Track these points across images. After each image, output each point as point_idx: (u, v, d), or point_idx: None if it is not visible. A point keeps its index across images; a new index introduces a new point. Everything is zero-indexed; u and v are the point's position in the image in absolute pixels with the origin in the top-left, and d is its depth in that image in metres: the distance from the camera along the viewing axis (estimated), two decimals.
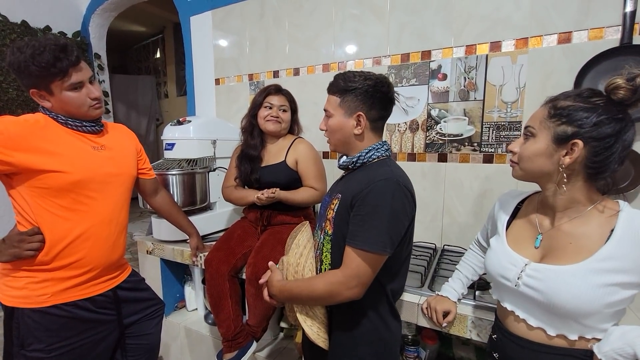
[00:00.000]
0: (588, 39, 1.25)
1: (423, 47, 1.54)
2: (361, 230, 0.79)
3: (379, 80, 0.88)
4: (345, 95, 0.88)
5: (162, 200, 1.37)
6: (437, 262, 1.33)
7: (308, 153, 1.44)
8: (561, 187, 0.68)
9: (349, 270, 0.79)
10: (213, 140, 1.76)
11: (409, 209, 0.84)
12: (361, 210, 0.80)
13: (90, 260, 1.03)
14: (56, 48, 0.89)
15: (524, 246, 0.75)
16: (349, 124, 0.89)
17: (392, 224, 0.79)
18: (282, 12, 1.89)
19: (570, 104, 0.65)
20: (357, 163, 0.90)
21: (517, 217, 0.81)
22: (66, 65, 0.91)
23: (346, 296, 0.80)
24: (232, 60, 2.12)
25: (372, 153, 0.89)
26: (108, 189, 1.05)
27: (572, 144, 0.65)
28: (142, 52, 5.32)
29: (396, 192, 0.80)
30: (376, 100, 0.88)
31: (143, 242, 1.78)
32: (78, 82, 0.95)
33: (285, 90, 1.52)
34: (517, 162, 0.73)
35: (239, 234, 1.45)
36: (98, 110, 1.02)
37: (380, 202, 0.79)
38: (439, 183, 1.56)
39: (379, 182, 0.81)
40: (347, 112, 0.88)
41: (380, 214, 0.78)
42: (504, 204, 0.85)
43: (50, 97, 0.94)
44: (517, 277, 0.71)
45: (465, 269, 1.02)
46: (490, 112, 1.43)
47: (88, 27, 2.88)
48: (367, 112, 0.88)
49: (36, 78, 0.91)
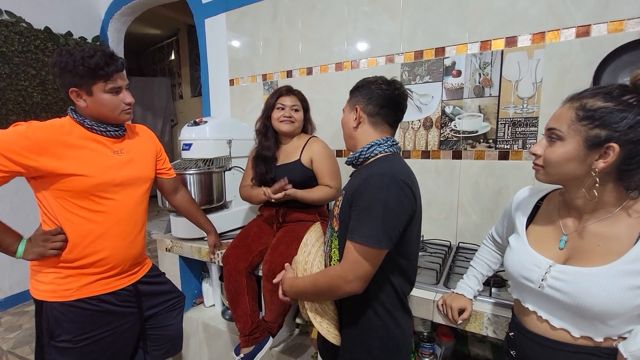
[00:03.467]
0: (608, 31, 1.22)
1: (437, 44, 1.53)
2: (358, 225, 0.81)
3: (382, 78, 0.93)
4: (353, 93, 0.96)
5: (181, 198, 1.41)
6: (453, 259, 1.33)
7: (323, 151, 1.46)
8: (592, 191, 0.65)
9: (347, 264, 0.81)
10: (228, 140, 1.80)
11: (407, 204, 0.82)
12: (358, 205, 0.82)
13: (111, 258, 1.08)
14: (106, 54, 0.99)
15: (547, 247, 0.74)
16: (352, 118, 0.94)
17: (387, 218, 0.79)
18: (294, 12, 1.91)
19: (602, 105, 0.62)
20: (359, 159, 0.92)
21: (537, 216, 0.80)
22: (113, 69, 1.00)
23: (346, 290, 0.82)
24: (246, 61, 2.15)
25: (373, 148, 0.90)
26: (127, 190, 1.09)
27: (607, 148, 0.62)
28: (157, 55, 5.44)
29: (392, 187, 0.80)
30: (374, 95, 0.91)
31: (162, 240, 1.83)
32: (118, 87, 1.03)
33: (297, 90, 1.54)
34: (542, 165, 0.71)
35: (256, 231, 1.48)
36: (128, 115, 1.08)
37: (375, 196, 0.79)
38: (454, 180, 1.56)
39: (375, 177, 0.82)
40: (350, 107, 0.95)
41: (375, 209, 0.79)
42: (522, 202, 0.85)
43: (87, 97, 1.00)
44: (541, 278, 0.70)
45: (480, 266, 1.02)
46: (506, 108, 1.42)
47: (107, 32, 2.97)
48: (365, 106, 0.92)
49: (81, 78, 0.97)
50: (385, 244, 0.79)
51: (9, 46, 2.34)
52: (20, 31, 2.39)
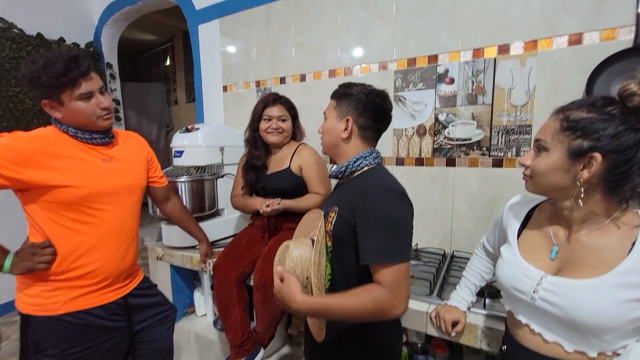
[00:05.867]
0: (600, 40, 1.22)
1: (430, 51, 1.53)
2: (379, 245, 0.77)
3: (375, 91, 0.90)
4: (341, 99, 0.90)
5: (173, 206, 1.39)
6: (447, 269, 1.31)
7: (311, 158, 1.44)
8: (578, 202, 0.64)
9: (392, 287, 0.76)
10: (221, 147, 1.78)
11: (409, 214, 0.82)
12: (367, 225, 0.79)
13: (101, 270, 1.05)
14: (67, 58, 0.91)
15: (538, 257, 0.73)
16: (339, 127, 0.89)
17: (402, 230, 0.79)
18: (288, 18, 1.90)
19: (585, 116, 0.62)
20: (345, 172, 0.90)
21: (529, 226, 0.79)
22: (76, 75, 0.93)
23: (393, 314, 0.77)
24: (239, 67, 2.14)
25: (360, 162, 0.89)
26: (118, 200, 1.06)
27: (590, 158, 0.61)
28: (152, 60, 5.42)
29: (394, 200, 0.80)
30: (367, 108, 0.88)
31: (153, 249, 1.80)
32: (88, 92, 0.96)
33: (283, 98, 1.53)
34: (530, 175, 0.71)
35: (247, 240, 1.46)
36: (108, 120, 1.03)
37: (383, 212, 0.78)
38: (448, 188, 1.54)
39: (376, 192, 0.80)
40: (339, 115, 0.90)
41: (389, 224, 0.78)
42: (513, 212, 0.83)
43: (60, 108, 0.96)
44: (532, 290, 0.69)
45: (472, 276, 1.00)
46: (499, 116, 1.41)
47: (100, 38, 2.96)
48: (356, 118, 0.88)
49: (47, 88, 0.93)
50: (410, 255, 0.79)
51: (0, 52, 2.32)
52: (12, 37, 2.37)
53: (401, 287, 0.76)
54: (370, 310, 0.75)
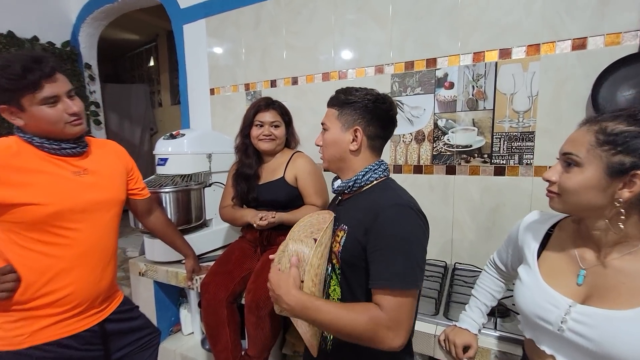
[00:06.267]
0: (604, 44, 1.18)
1: (428, 55, 1.47)
2: (389, 268, 0.70)
3: (381, 96, 0.82)
4: (343, 108, 0.82)
5: (156, 220, 1.28)
6: (450, 283, 1.25)
7: (307, 168, 1.36)
8: (616, 224, 0.58)
9: (393, 312, 0.68)
10: (208, 154, 1.68)
11: (424, 235, 0.75)
12: (379, 246, 0.71)
13: (74, 296, 0.93)
14: (28, 59, 0.81)
15: (563, 282, 0.66)
16: (345, 138, 0.82)
17: (415, 254, 0.71)
18: (278, 19, 1.82)
19: (625, 129, 0.56)
20: (353, 187, 0.82)
21: (549, 246, 0.73)
22: (38, 76, 0.82)
23: (388, 345, 0.68)
24: (227, 69, 2.04)
25: (369, 175, 0.81)
26: (92, 217, 0.95)
27: (632, 176, 0.55)
28: (135, 60, 5.23)
29: (412, 219, 0.73)
30: (375, 116, 0.81)
31: (135, 263, 1.68)
32: (52, 96, 0.85)
33: (277, 102, 1.44)
34: (557, 192, 0.64)
35: (237, 255, 1.36)
36: (77, 127, 0.92)
37: (397, 231, 0.71)
38: (448, 197, 1.48)
39: (391, 209, 0.73)
40: (345, 125, 0.82)
41: (402, 246, 0.70)
42: (531, 230, 0.77)
43: (21, 114, 0.85)
44: (560, 320, 0.62)
45: (483, 296, 0.94)
46: (501, 122, 1.36)
47: (78, 37, 2.80)
48: (365, 128, 0.81)
49: (5, 92, 0.82)
50: (420, 283, 0.71)
51: None
52: None
53: (403, 316, 0.68)
54: (362, 328, 0.67)
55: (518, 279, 0.75)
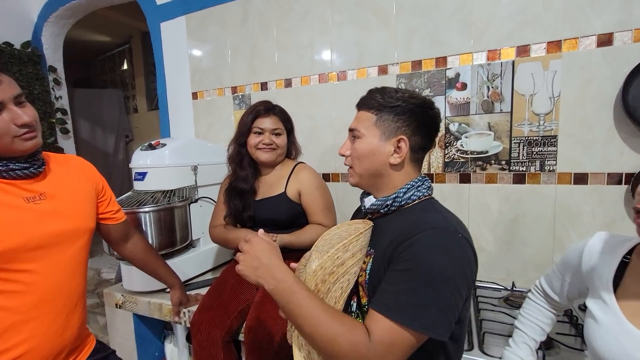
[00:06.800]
0: (632, 40, 1.09)
1: (437, 53, 1.34)
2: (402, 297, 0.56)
3: (428, 100, 0.70)
4: (382, 112, 0.68)
5: (134, 247, 1.09)
6: (476, 307, 1.12)
7: (313, 182, 1.19)
8: None
9: (380, 345, 0.55)
10: (194, 166, 1.48)
11: (469, 271, 0.61)
12: (401, 266, 0.58)
13: (31, 355, 0.74)
14: None
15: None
16: (385, 149, 0.68)
17: (447, 295, 0.57)
18: (268, 16, 1.65)
19: None
20: (392, 206, 0.69)
21: (628, 277, 0.60)
22: None
23: None
24: (211, 71, 1.85)
25: (411, 193, 0.69)
26: (51, 254, 0.76)
27: None
28: (107, 64, 4.90)
29: (454, 248, 0.59)
30: (422, 124, 0.69)
31: (111, 294, 1.45)
32: None
33: (278, 108, 1.27)
34: None
35: (232, 284, 1.18)
36: (30, 142, 0.73)
37: (430, 260, 0.57)
38: (462, 207, 1.36)
39: (432, 232, 0.59)
40: (385, 134, 0.68)
41: (431, 279, 0.56)
42: (601, 256, 0.64)
43: None
44: None
45: (531, 329, 0.80)
46: (520, 126, 1.25)
47: (40, 37, 2.52)
48: (410, 137, 0.68)
49: None
50: (443, 333, 0.56)
51: None
52: None
53: (391, 357, 0.55)
54: (338, 347, 0.55)
55: (590, 317, 0.62)
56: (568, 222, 1.21)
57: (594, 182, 1.17)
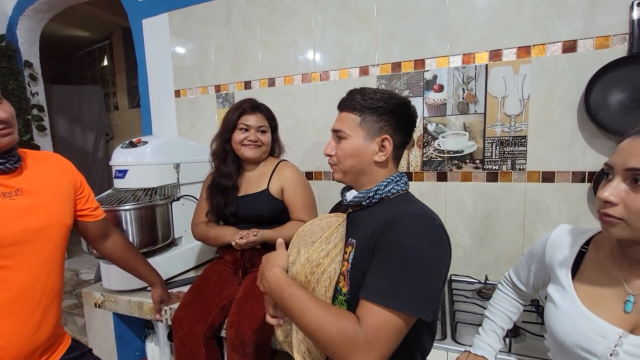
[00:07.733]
0: (594, 47, 1.17)
1: (416, 56, 1.39)
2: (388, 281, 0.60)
3: (405, 100, 0.75)
4: (366, 113, 0.72)
5: (113, 245, 1.09)
6: (451, 299, 1.17)
7: (295, 179, 1.22)
8: None
9: (370, 330, 0.58)
10: (176, 164, 1.48)
11: (446, 256, 0.66)
12: (384, 252, 0.62)
13: (4, 352, 0.73)
14: None
15: (608, 309, 0.59)
16: (370, 148, 0.72)
17: (430, 276, 0.61)
18: (252, 15, 1.67)
19: None
20: (373, 199, 0.73)
21: (585, 266, 0.65)
22: None
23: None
24: (194, 69, 1.85)
25: (391, 187, 0.73)
26: (27, 250, 0.76)
27: None
28: (86, 60, 4.76)
29: (432, 234, 0.63)
30: (402, 123, 0.74)
31: (90, 293, 1.43)
32: None
33: (263, 106, 1.29)
34: (621, 219, 0.53)
35: (215, 281, 1.19)
36: (6, 137, 0.73)
37: (411, 244, 0.61)
38: (439, 204, 1.41)
39: (410, 218, 0.64)
40: (369, 134, 0.72)
41: (414, 262, 0.60)
42: (561, 246, 0.69)
43: None
44: (609, 352, 0.55)
45: (499, 318, 0.85)
46: (493, 126, 1.31)
47: (15, 31, 2.44)
48: (392, 136, 0.73)
49: None
50: (428, 313, 0.59)
51: None
52: None
53: (381, 340, 0.58)
54: (329, 335, 0.58)
55: (550, 302, 0.67)
56: (537, 217, 1.28)
57: (560, 180, 1.24)
